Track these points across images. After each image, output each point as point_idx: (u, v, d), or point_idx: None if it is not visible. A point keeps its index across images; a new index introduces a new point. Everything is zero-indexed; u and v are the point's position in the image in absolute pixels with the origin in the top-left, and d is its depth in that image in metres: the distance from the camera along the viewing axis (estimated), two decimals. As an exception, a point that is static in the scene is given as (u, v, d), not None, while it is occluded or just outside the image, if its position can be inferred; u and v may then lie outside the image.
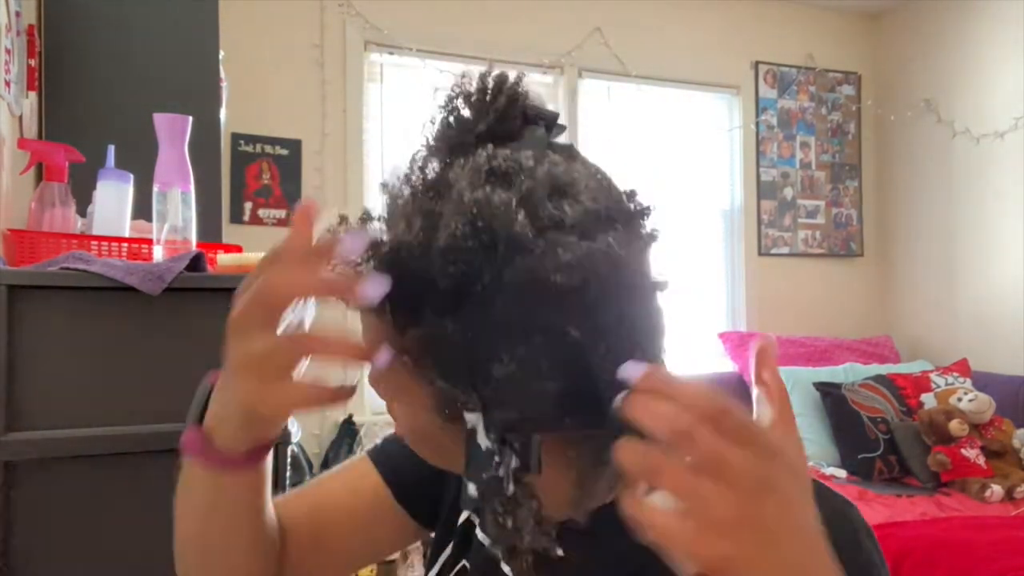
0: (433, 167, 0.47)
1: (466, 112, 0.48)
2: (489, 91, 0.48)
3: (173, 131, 1.10)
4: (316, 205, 0.43)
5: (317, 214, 0.43)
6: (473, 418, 0.45)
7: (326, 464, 2.80)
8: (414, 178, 0.47)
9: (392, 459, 0.68)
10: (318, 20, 2.96)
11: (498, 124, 0.47)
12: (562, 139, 0.50)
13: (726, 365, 3.36)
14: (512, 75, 0.49)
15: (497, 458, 0.44)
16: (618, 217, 0.45)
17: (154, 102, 1.33)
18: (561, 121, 0.51)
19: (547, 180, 0.43)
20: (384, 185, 0.48)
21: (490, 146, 0.45)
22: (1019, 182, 3.16)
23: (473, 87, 0.48)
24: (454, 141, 0.47)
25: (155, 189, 1.09)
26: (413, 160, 0.48)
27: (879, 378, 2.96)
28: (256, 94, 2.81)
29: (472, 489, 0.46)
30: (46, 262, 1.02)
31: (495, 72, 0.48)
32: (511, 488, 0.44)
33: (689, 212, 3.53)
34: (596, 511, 0.51)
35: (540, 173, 0.43)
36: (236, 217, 2.81)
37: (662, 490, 0.34)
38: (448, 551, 0.63)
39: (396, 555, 2.52)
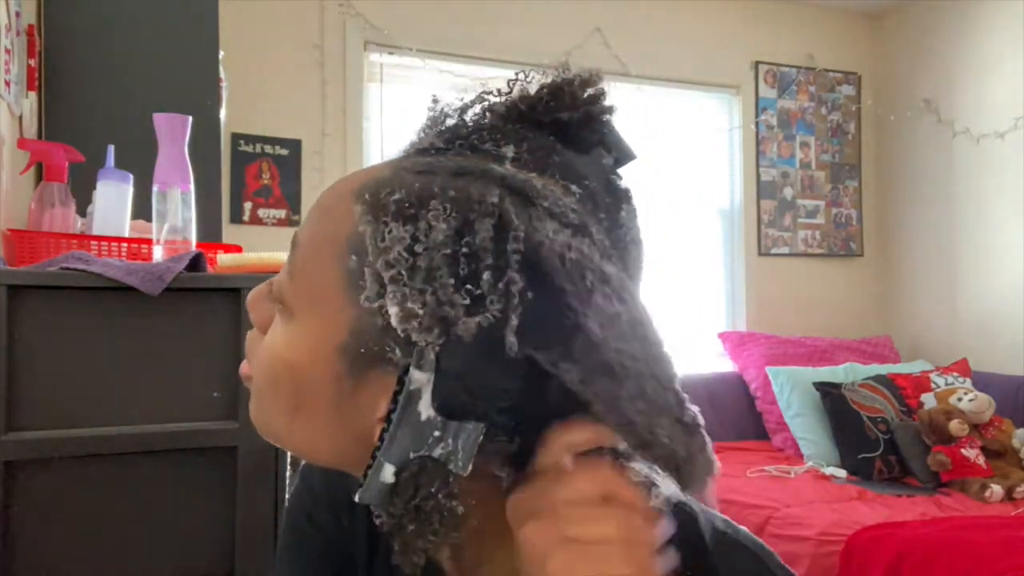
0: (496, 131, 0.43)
1: (547, 93, 0.43)
2: (589, 87, 0.43)
3: (173, 131, 1.10)
4: None
5: None
6: (422, 378, 0.37)
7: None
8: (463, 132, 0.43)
9: None
10: (318, 20, 2.96)
11: (577, 126, 0.43)
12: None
13: (726, 365, 3.37)
14: (604, 92, 0.44)
15: (438, 433, 0.37)
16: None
17: (154, 102, 1.33)
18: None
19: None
20: (435, 110, 0.46)
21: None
22: (1019, 182, 3.16)
23: (573, 75, 0.44)
24: (528, 116, 0.43)
25: (155, 189, 1.09)
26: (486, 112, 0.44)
27: (879, 378, 2.96)
28: (256, 94, 2.81)
29: (388, 472, 0.38)
30: (46, 262, 1.02)
31: (595, 77, 0.44)
32: (437, 481, 0.37)
33: (689, 212, 3.53)
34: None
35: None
36: (236, 217, 2.81)
37: None
38: None
39: None
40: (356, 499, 0.39)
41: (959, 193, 3.43)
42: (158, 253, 1.09)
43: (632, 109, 3.39)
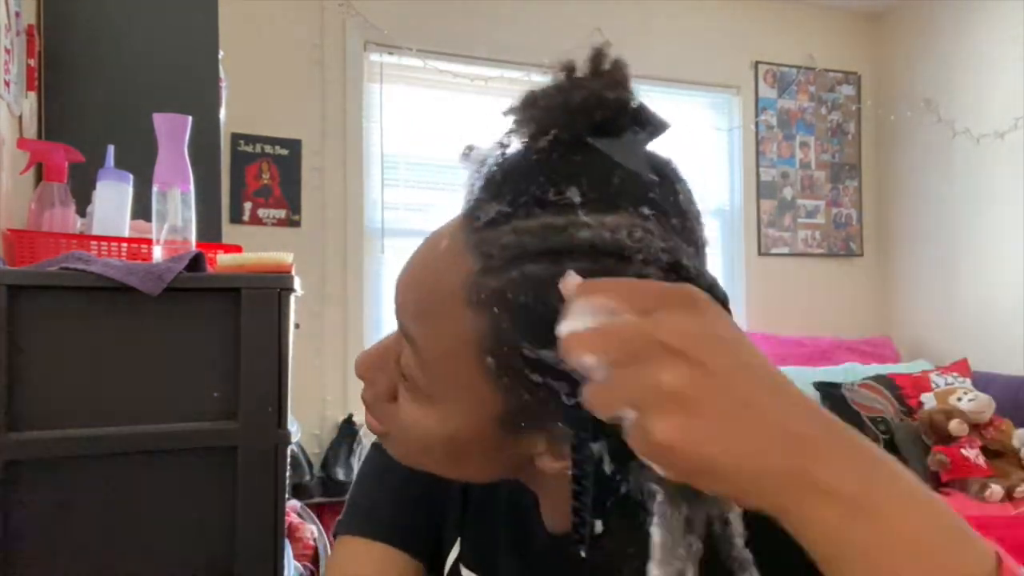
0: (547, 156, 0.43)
1: (581, 108, 0.43)
2: (611, 76, 0.43)
3: (173, 131, 1.10)
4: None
5: None
6: (599, 447, 0.40)
7: (326, 464, 2.80)
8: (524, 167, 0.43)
9: (393, 522, 0.61)
10: (318, 20, 2.96)
11: (608, 120, 0.43)
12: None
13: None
14: (620, 61, 0.44)
15: (619, 477, 0.41)
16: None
17: (154, 102, 1.33)
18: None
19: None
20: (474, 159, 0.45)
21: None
22: (1019, 182, 3.16)
23: (588, 70, 0.43)
24: (563, 133, 0.43)
25: (155, 189, 1.09)
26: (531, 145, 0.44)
27: (879, 378, 2.96)
28: (256, 94, 2.81)
29: (599, 525, 0.42)
30: (46, 262, 1.01)
31: (612, 56, 0.43)
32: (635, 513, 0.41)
33: (689, 212, 3.53)
34: None
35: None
36: (236, 217, 2.81)
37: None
38: None
39: None
40: (583, 555, 0.42)
41: (959, 193, 3.43)
42: (158, 253, 1.08)
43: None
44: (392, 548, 0.60)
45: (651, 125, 0.45)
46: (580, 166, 0.42)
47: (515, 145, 0.44)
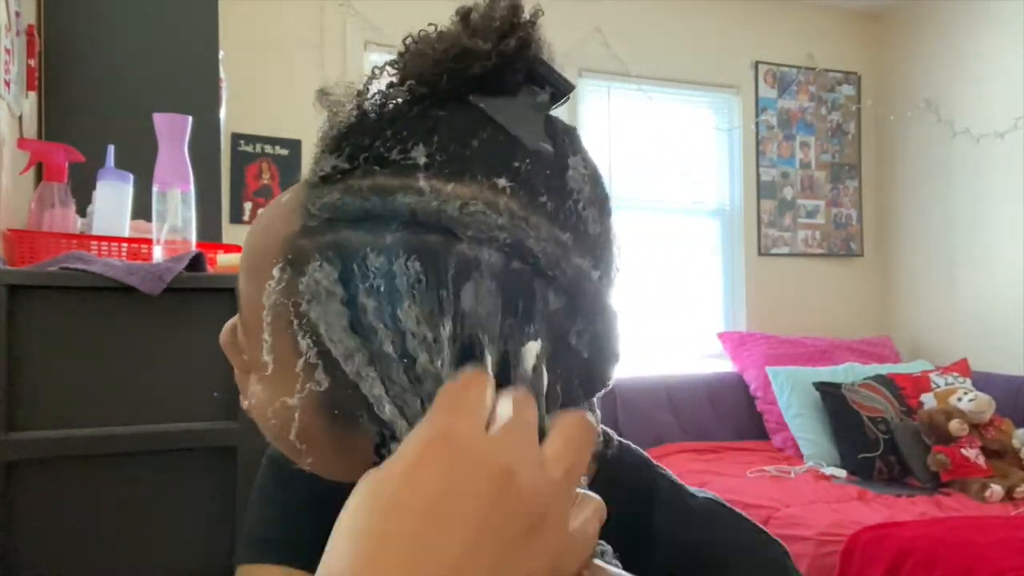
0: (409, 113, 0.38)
1: (450, 57, 0.38)
2: (497, 24, 0.37)
3: (173, 131, 1.10)
4: None
5: None
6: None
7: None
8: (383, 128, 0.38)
9: (288, 540, 0.56)
10: (318, 20, 2.96)
11: (495, 73, 0.37)
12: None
13: (726, 365, 3.37)
14: (528, 9, 0.38)
15: None
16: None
17: (154, 102, 1.33)
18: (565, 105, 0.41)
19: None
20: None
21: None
22: (1019, 182, 3.16)
23: (479, 12, 0.38)
24: (437, 87, 0.38)
25: (155, 189, 1.09)
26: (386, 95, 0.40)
27: (879, 378, 2.95)
28: (256, 94, 2.81)
29: None
30: (46, 262, 1.02)
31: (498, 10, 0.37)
32: None
33: (688, 212, 3.53)
34: None
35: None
36: (236, 217, 2.81)
37: None
38: None
39: None
40: None
41: (959, 193, 3.43)
42: (158, 253, 1.09)
43: (632, 109, 3.40)
44: (291, 569, 0.55)
45: (549, 84, 0.39)
46: (435, 124, 0.37)
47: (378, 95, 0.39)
